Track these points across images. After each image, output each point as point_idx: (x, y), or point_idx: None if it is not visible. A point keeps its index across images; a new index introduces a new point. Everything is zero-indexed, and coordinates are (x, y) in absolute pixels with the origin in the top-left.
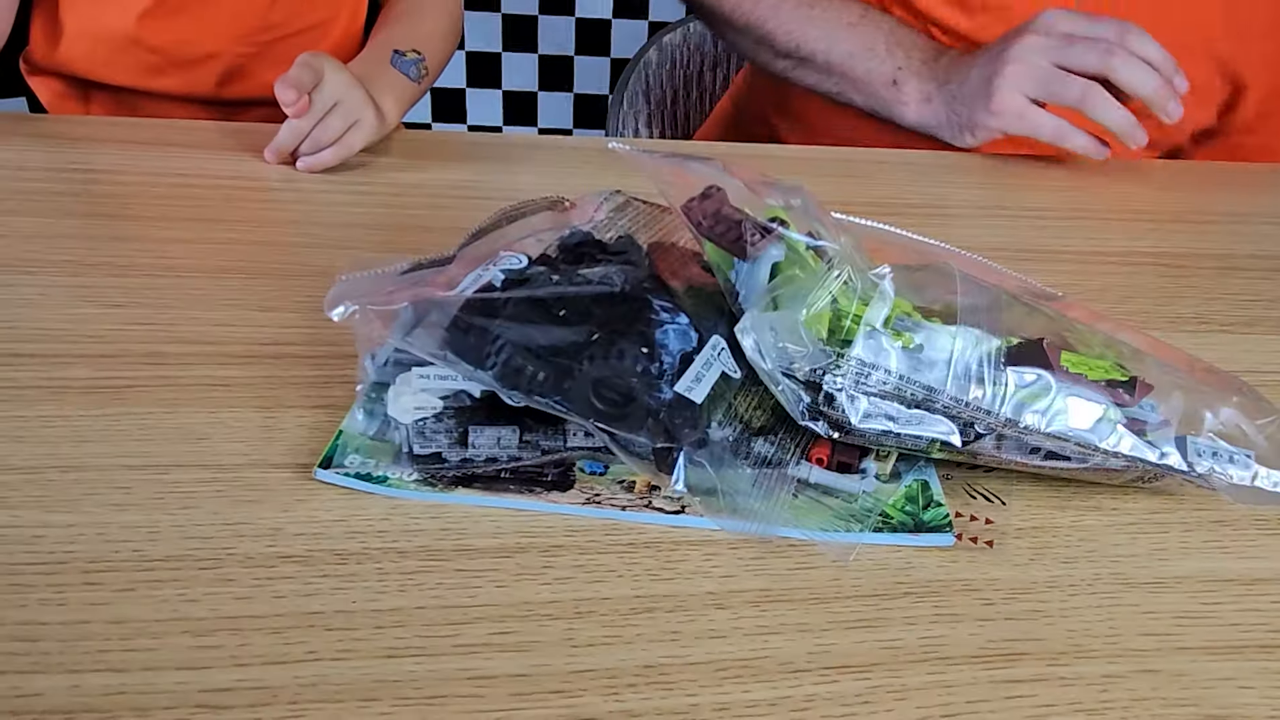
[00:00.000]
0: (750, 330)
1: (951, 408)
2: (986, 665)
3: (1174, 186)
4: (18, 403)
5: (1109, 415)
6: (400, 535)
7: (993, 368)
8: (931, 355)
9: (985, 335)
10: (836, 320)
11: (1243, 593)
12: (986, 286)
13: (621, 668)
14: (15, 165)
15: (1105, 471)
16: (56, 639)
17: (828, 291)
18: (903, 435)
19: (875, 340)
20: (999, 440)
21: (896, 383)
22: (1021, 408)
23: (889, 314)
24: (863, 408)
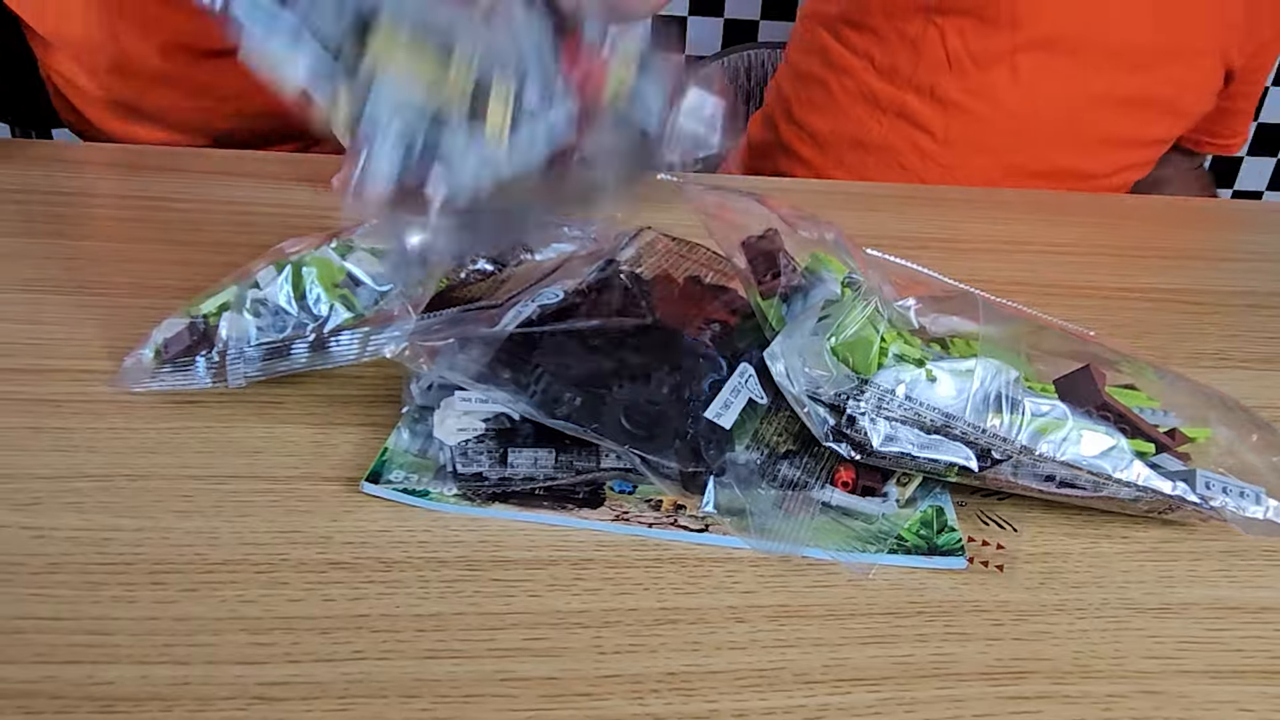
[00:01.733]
0: (780, 355)
1: (969, 434)
2: (994, 682)
3: (1195, 224)
4: (90, 415)
5: (1121, 446)
6: (441, 546)
7: (1010, 397)
8: (952, 383)
9: (1004, 365)
10: (864, 348)
11: (1248, 620)
12: (1009, 317)
13: (646, 674)
14: (88, 191)
15: (1119, 501)
16: (127, 633)
17: (856, 320)
18: (921, 459)
19: (898, 368)
20: (1015, 467)
21: (916, 409)
22: (1037, 436)
23: (912, 343)
24: (884, 431)
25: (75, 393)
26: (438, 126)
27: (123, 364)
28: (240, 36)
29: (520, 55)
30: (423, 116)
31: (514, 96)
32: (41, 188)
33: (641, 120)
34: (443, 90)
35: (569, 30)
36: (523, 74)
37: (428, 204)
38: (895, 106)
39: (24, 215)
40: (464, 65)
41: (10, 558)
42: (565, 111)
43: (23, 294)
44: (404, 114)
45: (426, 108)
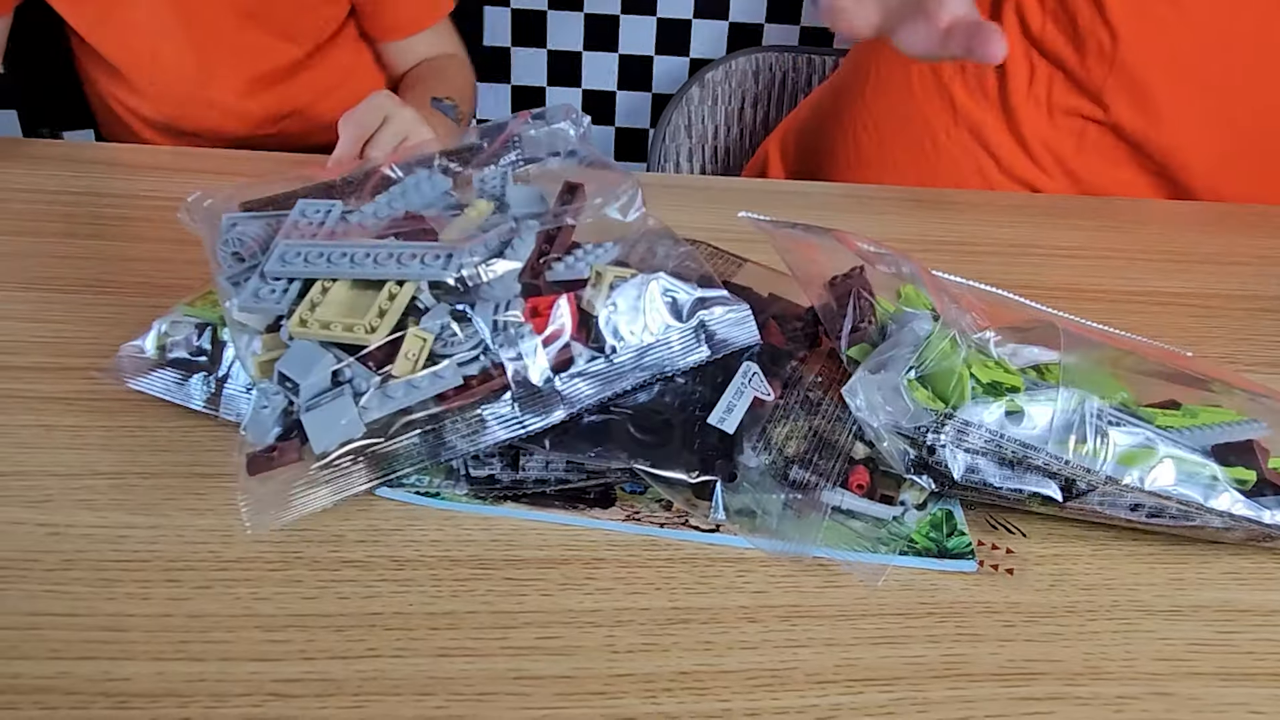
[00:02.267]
0: (859, 390)
1: (1051, 464)
2: (1005, 683)
3: (1202, 227)
4: (102, 413)
5: (1214, 474)
6: (453, 545)
7: (1095, 426)
8: (1033, 413)
9: (1088, 394)
10: (945, 380)
11: (1259, 623)
12: (1091, 345)
13: (658, 673)
14: (96, 191)
15: (1212, 530)
16: (142, 630)
17: (937, 353)
18: (1004, 490)
19: (978, 399)
20: (1102, 497)
21: (997, 440)
22: (1123, 466)
23: (1011, 371)
24: (964, 462)
25: (86, 391)
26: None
27: (118, 353)
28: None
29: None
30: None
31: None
32: (49, 187)
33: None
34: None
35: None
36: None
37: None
38: (970, 122)
39: (33, 214)
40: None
41: (25, 554)
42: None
43: (33, 292)
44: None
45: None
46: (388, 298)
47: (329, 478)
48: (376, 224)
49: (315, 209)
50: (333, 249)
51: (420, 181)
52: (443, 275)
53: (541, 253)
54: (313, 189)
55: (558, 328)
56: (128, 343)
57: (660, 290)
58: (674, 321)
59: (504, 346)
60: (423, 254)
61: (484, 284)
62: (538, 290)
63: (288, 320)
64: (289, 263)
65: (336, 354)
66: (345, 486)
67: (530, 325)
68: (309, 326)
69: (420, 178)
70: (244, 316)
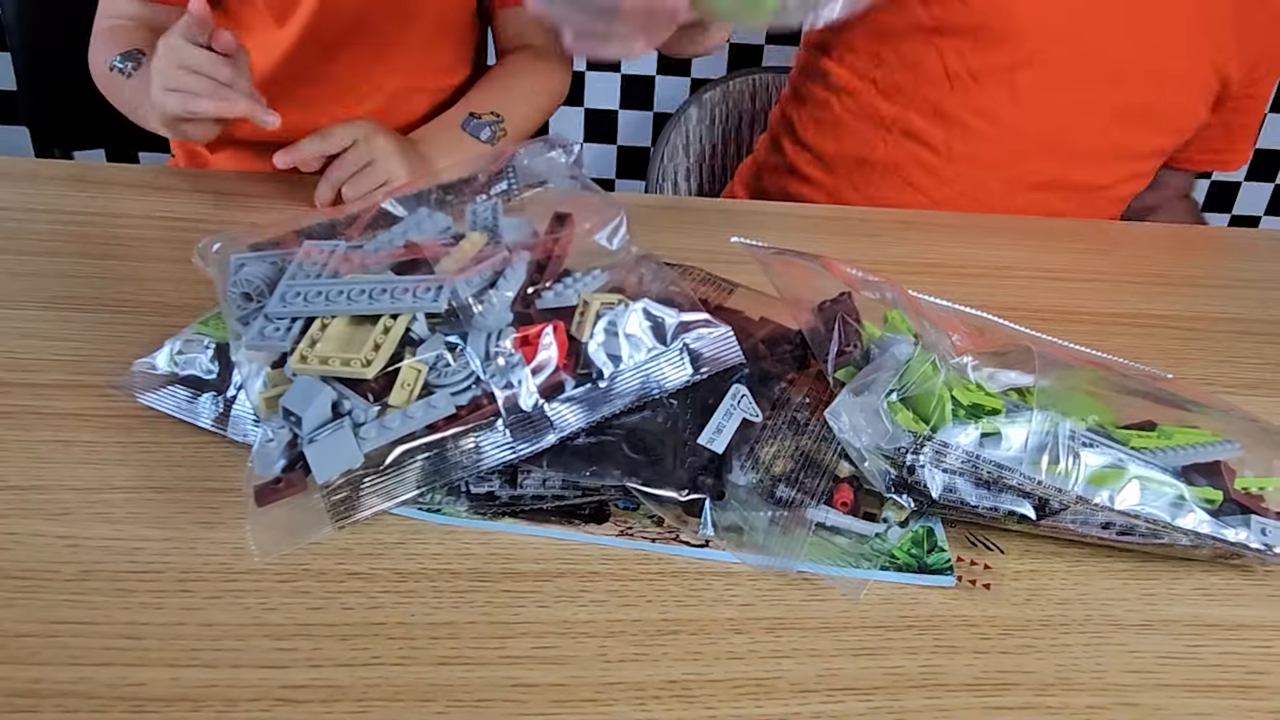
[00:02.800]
0: (842, 412)
1: (1024, 484)
2: (980, 693)
3: (1185, 250)
4: (117, 429)
5: (1183, 495)
6: (453, 558)
7: (1068, 447)
8: (1009, 435)
9: (1061, 416)
10: (925, 402)
11: (1226, 637)
12: (1067, 368)
13: (648, 682)
14: (111, 211)
15: (1181, 548)
16: (156, 638)
17: (918, 377)
18: (980, 508)
19: (958, 421)
20: (1075, 515)
21: (974, 461)
22: (1093, 486)
23: (970, 398)
24: (942, 482)
25: (103, 407)
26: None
27: (130, 369)
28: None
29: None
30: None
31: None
32: (66, 207)
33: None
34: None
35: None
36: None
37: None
38: (900, 125)
39: (50, 234)
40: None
41: (45, 565)
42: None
43: (51, 311)
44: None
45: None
46: (382, 331)
47: (332, 506)
48: (377, 259)
49: (321, 249)
50: (330, 287)
51: (421, 220)
52: (434, 307)
53: (532, 281)
54: (318, 228)
55: (547, 355)
56: (140, 359)
57: (645, 315)
58: (659, 345)
59: (495, 375)
60: (414, 288)
61: (476, 315)
62: (529, 319)
63: (290, 357)
64: (290, 303)
65: (336, 388)
66: (348, 514)
67: (521, 354)
68: (309, 362)
69: (421, 216)
70: (252, 354)
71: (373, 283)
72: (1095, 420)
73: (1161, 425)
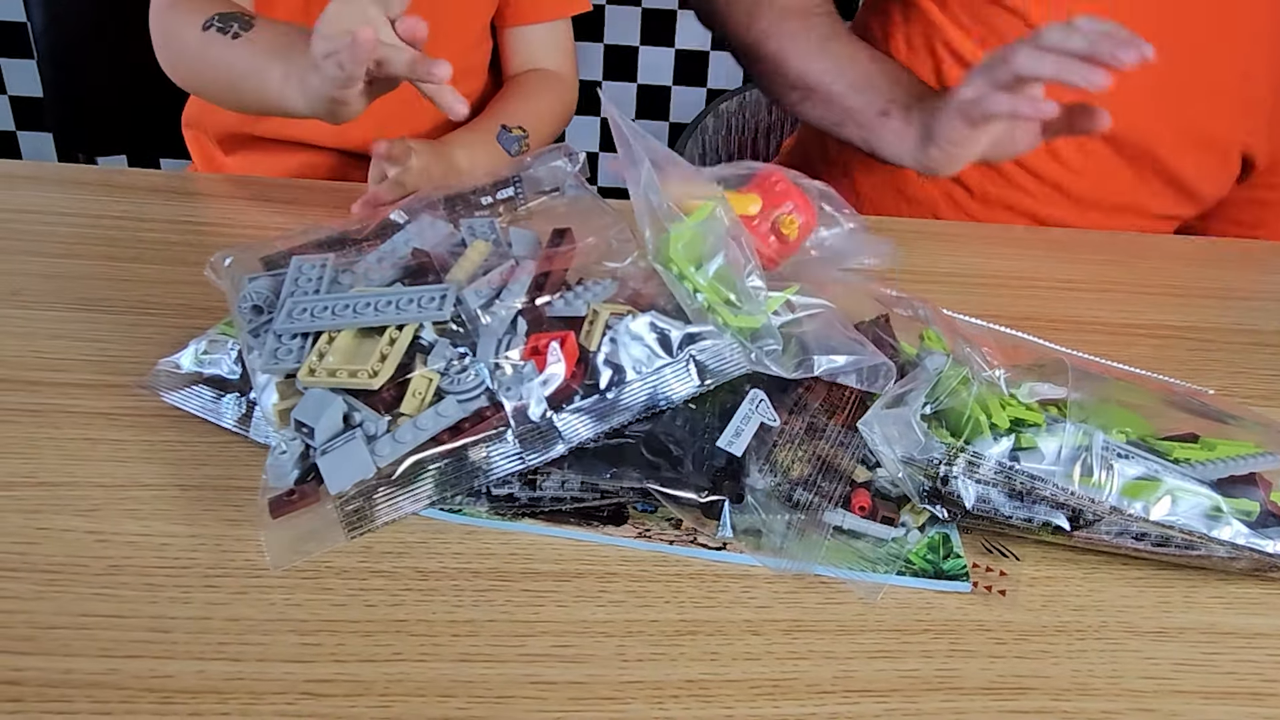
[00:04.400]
0: (875, 423)
1: (1058, 495)
2: (996, 696)
3: (1202, 262)
4: (144, 428)
5: (1220, 507)
6: (474, 558)
7: (1102, 458)
8: (1043, 447)
9: (1094, 428)
10: (958, 415)
11: (1242, 645)
12: (1101, 381)
13: (666, 681)
14: (136, 216)
15: (1218, 560)
16: (184, 631)
17: (950, 390)
18: (1014, 518)
19: (989, 433)
20: (1110, 527)
21: (1007, 471)
22: (1126, 497)
23: (1011, 412)
24: (975, 493)
25: (130, 407)
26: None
27: (155, 367)
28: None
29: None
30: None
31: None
32: (92, 211)
33: None
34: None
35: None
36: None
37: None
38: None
39: (78, 238)
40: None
41: (75, 559)
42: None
43: (80, 312)
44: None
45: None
46: (388, 342)
47: (345, 517)
48: (382, 268)
49: (310, 265)
50: (335, 301)
51: (424, 228)
52: (439, 315)
53: (537, 291)
54: (321, 242)
55: (556, 365)
56: (165, 359)
57: (652, 327)
58: (665, 356)
59: (504, 385)
60: (419, 298)
61: (484, 324)
62: (540, 326)
63: (299, 370)
64: (296, 319)
65: (347, 399)
66: (361, 525)
67: (531, 363)
68: (318, 375)
69: (423, 224)
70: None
71: (377, 295)
72: (1133, 432)
73: (1204, 438)
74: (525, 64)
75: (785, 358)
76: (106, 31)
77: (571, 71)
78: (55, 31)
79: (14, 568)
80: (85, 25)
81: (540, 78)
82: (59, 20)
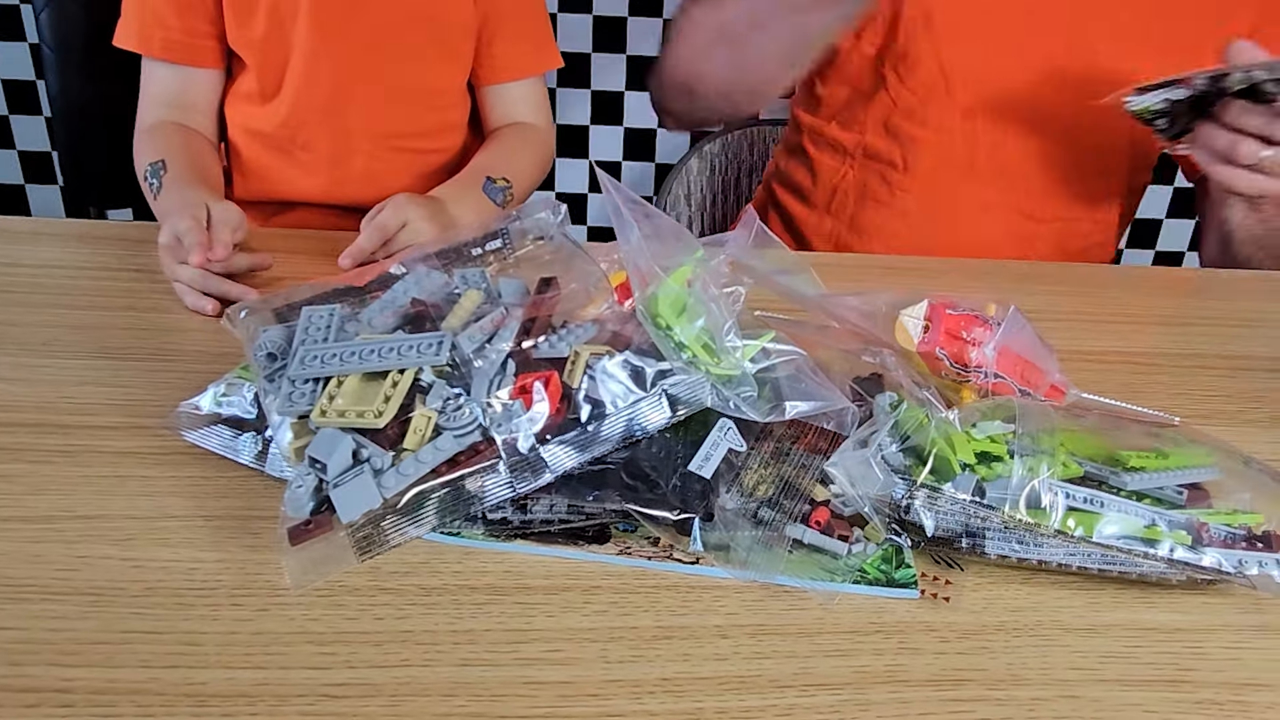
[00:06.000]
0: (840, 465)
1: (1009, 523)
2: (938, 688)
3: (1151, 291)
4: (170, 466)
5: (1156, 525)
6: (472, 575)
7: (1050, 488)
8: (994, 478)
9: (1039, 461)
10: (920, 453)
11: (1163, 639)
12: (1042, 415)
13: (644, 679)
14: (153, 269)
15: (1159, 575)
16: (214, 644)
17: (909, 430)
18: (973, 544)
19: (943, 468)
20: (1057, 549)
21: (963, 503)
22: (1070, 522)
23: (980, 445)
24: (934, 523)
25: (156, 446)
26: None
27: (177, 409)
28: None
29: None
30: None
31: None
32: (112, 265)
33: None
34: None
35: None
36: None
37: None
38: (859, 147)
39: (100, 290)
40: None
41: (114, 583)
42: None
43: (105, 360)
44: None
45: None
46: (391, 385)
47: (356, 543)
48: (384, 316)
49: (319, 314)
50: (343, 349)
51: (420, 278)
52: (436, 361)
53: (525, 331)
54: (328, 294)
55: (542, 402)
56: (186, 400)
57: (627, 365)
58: (640, 391)
59: (496, 422)
60: (419, 344)
61: (476, 367)
62: (528, 367)
63: (312, 412)
64: (308, 365)
65: (355, 437)
66: (370, 549)
67: (520, 401)
68: (328, 416)
69: (420, 275)
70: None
71: (381, 342)
72: (1080, 453)
73: (1159, 448)
74: (504, 118)
75: (760, 402)
76: (116, 93)
77: (547, 122)
78: (69, 93)
79: (59, 591)
80: (98, 87)
81: (519, 131)
82: (72, 83)
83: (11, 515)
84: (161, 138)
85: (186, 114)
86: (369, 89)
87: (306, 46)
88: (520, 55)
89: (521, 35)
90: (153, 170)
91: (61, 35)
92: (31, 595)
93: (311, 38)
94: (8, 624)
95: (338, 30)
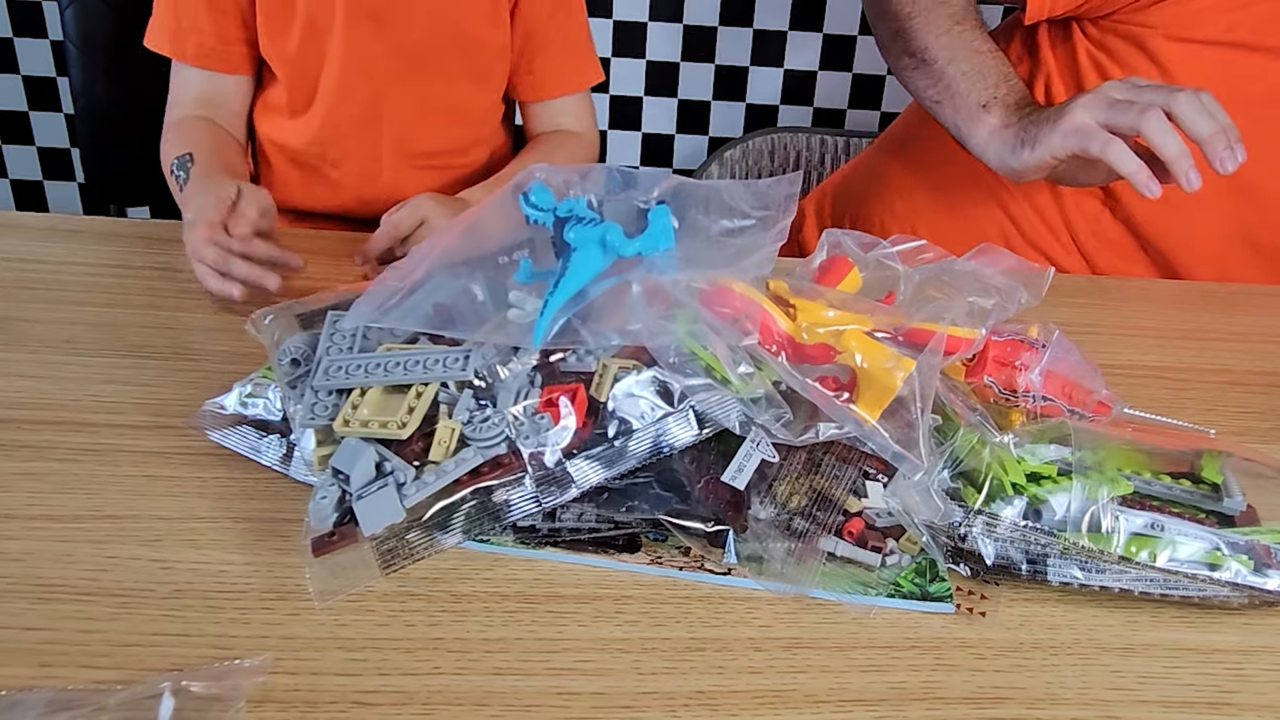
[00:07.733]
0: (895, 494)
1: (1069, 550)
2: (975, 705)
3: (1182, 306)
4: (197, 466)
5: (1220, 550)
6: (502, 582)
7: (1112, 512)
8: (1054, 504)
9: (1098, 484)
10: (979, 475)
11: (1201, 660)
12: (1095, 436)
13: (678, 692)
14: (175, 267)
15: (1222, 600)
16: (244, 648)
17: (964, 456)
18: (1033, 572)
19: (1002, 495)
20: (1119, 575)
21: (1022, 530)
22: (1133, 547)
23: (1026, 468)
24: (993, 550)
25: (182, 446)
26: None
27: (201, 408)
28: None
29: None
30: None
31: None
32: (134, 263)
33: None
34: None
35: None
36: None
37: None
38: (996, 194)
39: (122, 289)
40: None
41: (143, 585)
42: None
43: (128, 359)
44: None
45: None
46: (415, 396)
47: (380, 556)
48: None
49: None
50: (367, 360)
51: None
52: (462, 375)
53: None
54: (350, 301)
55: (568, 416)
56: (211, 399)
57: (656, 380)
58: (667, 407)
59: (522, 435)
60: (444, 358)
61: (501, 380)
62: (554, 380)
63: (336, 421)
64: (332, 376)
65: (379, 450)
66: (394, 563)
67: (548, 415)
68: (351, 425)
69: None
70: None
71: (405, 355)
72: (1137, 471)
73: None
74: (548, 127)
75: (795, 424)
76: (140, 91)
77: (591, 128)
78: (91, 91)
79: (88, 592)
80: (122, 87)
81: (559, 138)
82: (95, 82)
83: (41, 514)
84: (192, 132)
85: (215, 113)
86: (400, 107)
87: (339, 63)
88: (561, 71)
89: (563, 51)
90: (179, 163)
91: (86, 32)
92: (62, 595)
93: (345, 54)
94: (38, 624)
95: (371, 48)
